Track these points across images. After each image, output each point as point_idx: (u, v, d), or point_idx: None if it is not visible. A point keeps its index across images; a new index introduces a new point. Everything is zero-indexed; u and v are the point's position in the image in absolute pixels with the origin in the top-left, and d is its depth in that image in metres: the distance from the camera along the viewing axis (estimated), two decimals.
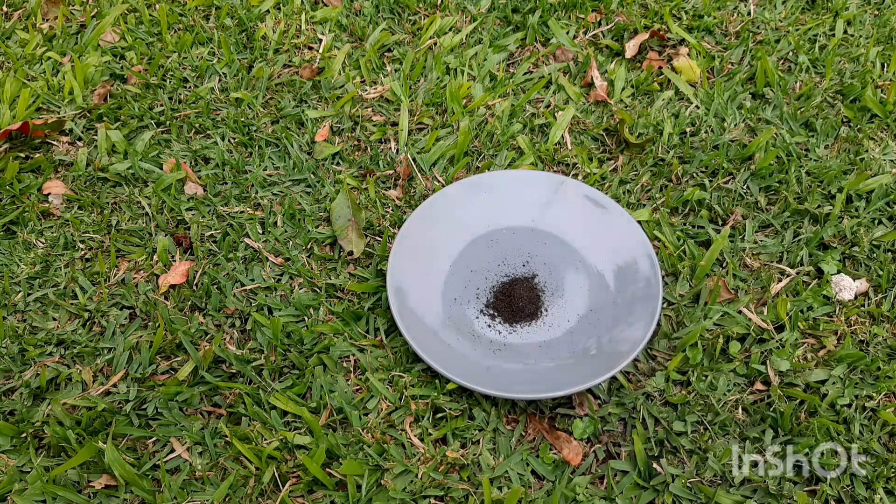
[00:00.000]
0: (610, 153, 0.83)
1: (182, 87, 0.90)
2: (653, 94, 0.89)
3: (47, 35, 0.98)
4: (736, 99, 0.88)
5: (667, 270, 0.73)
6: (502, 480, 0.60)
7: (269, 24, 0.96)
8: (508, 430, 0.63)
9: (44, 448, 0.62)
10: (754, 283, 0.72)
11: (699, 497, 0.59)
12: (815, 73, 0.91)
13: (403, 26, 0.97)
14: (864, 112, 0.86)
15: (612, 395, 0.65)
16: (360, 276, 0.73)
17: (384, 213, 0.77)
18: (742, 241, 0.75)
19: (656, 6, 0.98)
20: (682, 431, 0.63)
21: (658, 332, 0.68)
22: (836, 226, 0.75)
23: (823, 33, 0.95)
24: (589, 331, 0.68)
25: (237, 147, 0.84)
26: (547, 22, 0.96)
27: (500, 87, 0.89)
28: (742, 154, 0.81)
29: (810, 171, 0.80)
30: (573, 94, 0.89)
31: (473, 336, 0.68)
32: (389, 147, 0.84)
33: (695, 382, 0.65)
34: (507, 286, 0.72)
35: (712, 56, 0.93)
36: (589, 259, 0.73)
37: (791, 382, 0.65)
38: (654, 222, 0.76)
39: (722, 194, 0.79)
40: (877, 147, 0.83)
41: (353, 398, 0.64)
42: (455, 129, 0.85)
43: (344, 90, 0.89)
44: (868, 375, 0.66)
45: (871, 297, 0.71)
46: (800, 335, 0.68)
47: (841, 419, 0.63)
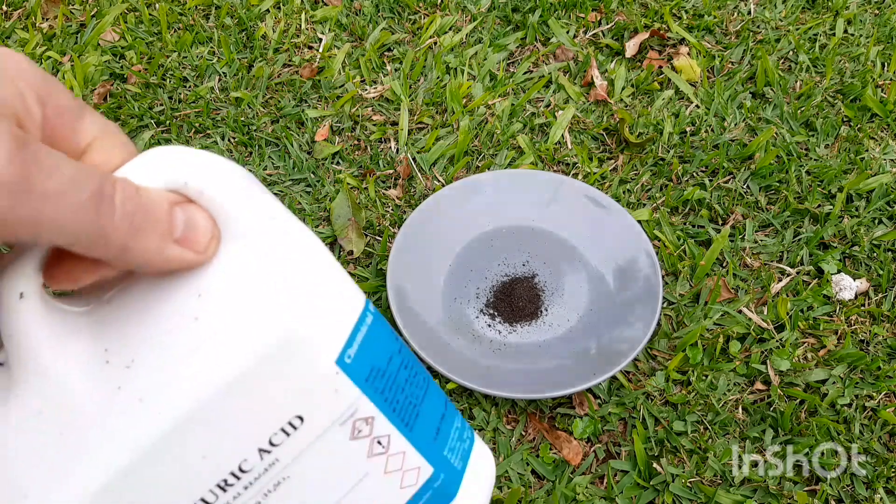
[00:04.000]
0: (610, 153, 0.83)
1: (182, 86, 0.90)
2: (653, 94, 0.89)
3: (47, 34, 0.97)
4: (736, 98, 0.88)
5: (667, 270, 0.73)
6: (502, 480, 0.60)
7: (269, 24, 0.96)
8: (508, 429, 0.63)
9: None
10: (754, 282, 0.72)
11: (699, 497, 0.59)
12: (815, 73, 0.91)
13: (403, 26, 0.96)
14: (864, 111, 0.86)
15: (612, 395, 0.65)
16: (360, 276, 0.73)
17: (384, 212, 0.77)
18: (742, 241, 0.75)
19: (656, 5, 0.98)
20: (683, 431, 0.63)
21: (658, 332, 0.68)
22: (836, 225, 0.75)
23: (824, 32, 0.95)
24: (589, 330, 0.68)
25: (237, 147, 0.84)
26: (547, 21, 0.96)
27: (500, 86, 0.89)
28: (742, 153, 0.81)
29: (810, 171, 0.80)
30: (573, 93, 0.89)
31: (473, 336, 0.68)
32: (389, 146, 0.84)
33: (695, 382, 0.65)
34: (507, 286, 0.72)
35: (712, 55, 0.92)
36: (589, 259, 0.73)
37: (791, 382, 0.65)
38: (654, 222, 0.76)
39: (722, 194, 0.79)
40: (877, 146, 0.83)
41: None
42: (455, 129, 0.85)
43: (344, 90, 0.89)
44: (868, 375, 0.66)
45: (871, 297, 0.71)
46: (800, 335, 0.68)
47: (841, 419, 0.63)
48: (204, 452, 0.27)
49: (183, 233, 0.25)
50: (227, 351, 0.26)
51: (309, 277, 0.27)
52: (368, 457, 0.32)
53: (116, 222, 0.23)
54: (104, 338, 0.26)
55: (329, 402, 0.29)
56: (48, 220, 0.21)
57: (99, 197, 0.22)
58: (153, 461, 0.26)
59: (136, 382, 0.26)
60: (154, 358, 0.26)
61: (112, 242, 0.23)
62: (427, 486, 0.35)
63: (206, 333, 0.26)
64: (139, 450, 0.25)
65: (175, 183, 0.26)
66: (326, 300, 0.28)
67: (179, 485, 0.27)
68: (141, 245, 0.24)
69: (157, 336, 0.26)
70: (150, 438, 0.25)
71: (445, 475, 0.37)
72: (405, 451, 0.33)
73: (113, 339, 0.26)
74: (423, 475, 0.35)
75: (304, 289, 0.27)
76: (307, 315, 0.27)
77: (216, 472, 0.27)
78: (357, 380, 0.29)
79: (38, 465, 0.25)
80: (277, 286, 0.26)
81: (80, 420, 0.25)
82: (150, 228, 0.24)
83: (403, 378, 0.33)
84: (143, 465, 0.25)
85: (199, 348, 0.26)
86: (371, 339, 0.30)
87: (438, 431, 0.37)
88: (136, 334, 0.26)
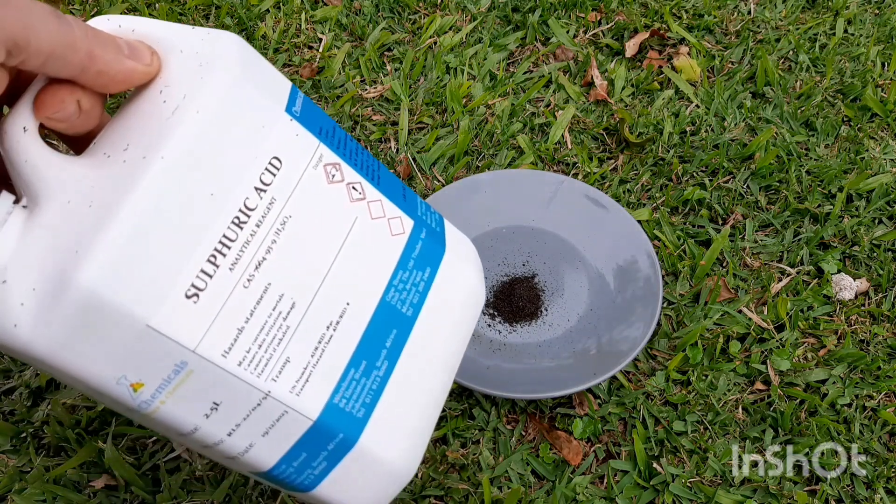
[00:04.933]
0: (610, 152, 0.83)
1: None
2: (653, 94, 0.89)
3: None
4: (736, 98, 0.88)
5: (667, 270, 0.73)
6: (502, 480, 0.60)
7: (269, 24, 0.96)
8: (508, 429, 0.63)
9: (44, 448, 0.62)
10: (754, 282, 0.72)
11: (699, 497, 0.59)
12: (815, 73, 0.91)
13: (403, 25, 0.96)
14: (864, 111, 0.86)
15: (612, 395, 0.65)
16: None
17: None
18: (742, 241, 0.75)
19: (656, 5, 0.98)
20: (683, 431, 0.63)
21: (658, 332, 0.68)
22: (836, 225, 0.75)
23: (824, 32, 0.95)
24: (589, 330, 0.68)
25: None
26: (547, 21, 0.96)
27: (500, 86, 0.89)
28: (742, 153, 0.81)
29: (810, 171, 0.80)
30: (573, 93, 0.89)
31: (473, 336, 0.68)
32: (389, 146, 0.84)
33: (695, 382, 0.65)
34: (507, 286, 0.72)
35: (712, 55, 0.92)
36: (589, 258, 0.73)
37: (791, 382, 0.65)
38: (654, 222, 0.76)
39: (722, 193, 0.79)
40: (877, 146, 0.83)
41: None
42: (455, 129, 0.85)
43: (344, 89, 0.89)
44: (868, 375, 0.66)
45: (871, 297, 0.71)
46: (800, 335, 0.68)
47: (841, 419, 0.63)
48: (211, 190, 0.32)
49: (129, 51, 0.32)
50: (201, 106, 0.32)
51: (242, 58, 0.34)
52: (350, 201, 0.38)
53: (78, 33, 0.29)
54: (100, 147, 0.33)
55: (294, 144, 0.35)
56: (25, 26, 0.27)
57: (58, 15, 0.29)
58: (171, 198, 0.31)
59: (134, 151, 0.31)
60: (145, 135, 0.32)
61: (79, 48, 0.30)
62: (414, 236, 0.41)
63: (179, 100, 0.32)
64: (159, 191, 0.31)
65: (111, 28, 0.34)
66: (262, 78, 0.35)
67: (202, 221, 0.32)
68: (102, 55, 0.31)
69: (140, 124, 0.33)
70: (164, 179, 0.31)
71: (427, 231, 0.42)
72: (381, 200, 0.39)
73: (105, 145, 0.33)
74: (407, 225, 0.41)
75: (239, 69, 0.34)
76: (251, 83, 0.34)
77: (227, 208, 0.33)
78: (311, 129, 0.36)
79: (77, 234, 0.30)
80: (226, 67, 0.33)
81: (101, 186, 0.31)
82: (105, 43, 0.31)
83: (354, 146, 0.40)
84: (160, 204, 0.31)
85: (175, 112, 0.32)
86: (309, 106, 0.37)
87: (405, 194, 0.42)
88: (124, 131, 0.33)
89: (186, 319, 0.32)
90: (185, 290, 0.31)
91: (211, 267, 0.32)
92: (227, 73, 0.33)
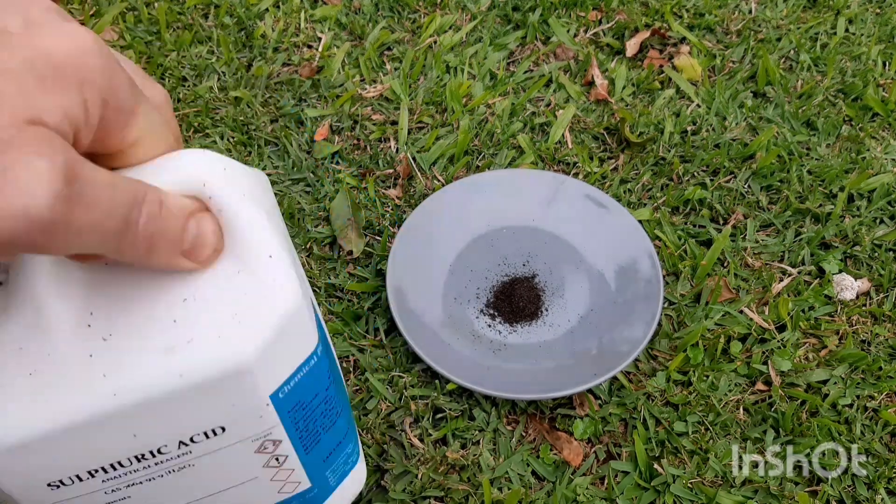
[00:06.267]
0: (611, 152, 0.83)
1: (181, 85, 0.90)
2: (654, 93, 0.89)
3: None
4: (737, 98, 0.87)
5: (668, 270, 0.72)
6: (502, 481, 0.60)
7: (269, 23, 0.96)
8: (508, 430, 0.63)
9: None
10: (755, 282, 0.72)
11: (700, 497, 0.59)
12: (816, 72, 0.90)
13: (403, 25, 0.96)
14: (865, 111, 0.86)
15: (612, 396, 0.65)
16: (359, 276, 0.72)
17: (384, 212, 0.77)
18: (743, 241, 0.75)
19: (657, 4, 0.97)
20: (683, 432, 0.62)
21: (659, 332, 0.68)
22: (837, 225, 0.75)
23: (825, 32, 0.95)
24: (589, 331, 0.68)
25: (236, 146, 0.84)
26: (547, 20, 0.96)
27: (500, 85, 0.89)
28: (743, 153, 0.81)
29: (812, 170, 0.80)
30: (574, 92, 0.88)
31: (473, 336, 0.68)
32: (389, 146, 0.84)
33: (696, 382, 0.64)
34: (508, 286, 0.71)
35: (713, 54, 0.92)
36: (589, 259, 0.73)
37: (792, 382, 0.65)
38: (654, 221, 0.76)
39: (723, 193, 0.79)
40: (878, 146, 0.82)
41: (352, 398, 0.64)
42: (455, 128, 0.84)
43: (343, 89, 0.89)
44: (870, 375, 0.66)
45: (872, 297, 0.71)
46: (801, 335, 0.68)
47: (842, 419, 0.63)
48: (136, 432, 0.31)
49: (191, 245, 0.28)
50: (187, 364, 0.29)
51: (277, 321, 0.31)
52: (264, 466, 0.37)
53: (137, 245, 0.25)
54: (93, 300, 0.30)
55: (251, 424, 0.33)
56: (76, 246, 0.23)
57: (125, 226, 0.24)
58: (93, 427, 0.29)
59: (105, 357, 0.29)
60: (128, 342, 0.29)
61: (127, 259, 0.26)
62: (300, 495, 0.41)
63: (177, 340, 0.29)
64: (86, 415, 0.29)
65: (194, 186, 0.29)
66: (283, 345, 0.32)
67: (105, 447, 0.31)
68: (153, 261, 0.27)
69: (137, 323, 0.30)
70: (98, 411, 0.29)
71: (319, 490, 0.43)
72: (294, 469, 0.39)
73: (100, 305, 0.30)
74: (301, 488, 0.41)
75: (269, 331, 0.31)
76: (263, 356, 0.31)
77: (138, 448, 0.31)
78: (281, 412, 0.34)
79: (3, 390, 0.29)
80: (250, 319, 0.30)
81: (50, 371, 0.29)
82: (165, 248, 0.27)
83: (320, 412, 0.38)
84: (84, 426, 0.29)
85: (169, 351, 0.29)
86: (307, 379, 0.35)
87: (330, 455, 0.42)
88: (120, 311, 0.30)
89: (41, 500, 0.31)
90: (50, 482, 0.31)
91: (87, 475, 0.31)
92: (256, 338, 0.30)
